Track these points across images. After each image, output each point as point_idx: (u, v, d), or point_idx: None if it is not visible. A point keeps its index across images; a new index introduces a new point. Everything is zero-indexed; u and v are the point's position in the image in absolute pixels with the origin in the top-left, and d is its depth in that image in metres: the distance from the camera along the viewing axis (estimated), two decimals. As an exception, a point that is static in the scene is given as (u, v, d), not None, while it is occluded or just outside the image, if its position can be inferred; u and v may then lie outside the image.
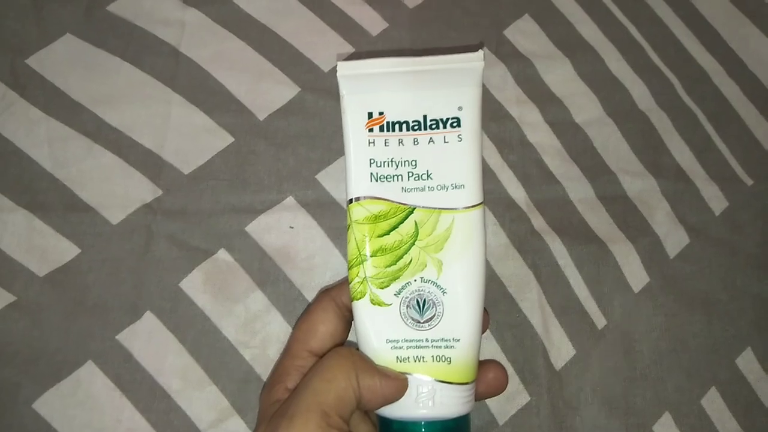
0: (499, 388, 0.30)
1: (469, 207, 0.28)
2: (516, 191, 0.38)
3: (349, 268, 0.28)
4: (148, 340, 0.34)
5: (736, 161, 0.41)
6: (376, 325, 0.28)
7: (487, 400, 0.35)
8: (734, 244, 0.39)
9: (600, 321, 0.37)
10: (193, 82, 0.39)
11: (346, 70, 0.29)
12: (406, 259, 0.28)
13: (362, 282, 0.28)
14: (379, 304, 0.28)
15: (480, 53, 0.28)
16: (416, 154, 0.29)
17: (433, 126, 0.29)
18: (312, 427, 0.24)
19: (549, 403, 0.35)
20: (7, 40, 0.38)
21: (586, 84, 0.41)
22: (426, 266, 0.28)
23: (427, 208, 0.28)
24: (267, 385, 0.30)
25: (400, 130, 0.29)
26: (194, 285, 0.35)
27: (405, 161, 0.29)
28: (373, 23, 0.41)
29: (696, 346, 0.37)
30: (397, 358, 0.27)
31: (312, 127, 0.39)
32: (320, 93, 0.39)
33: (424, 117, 0.29)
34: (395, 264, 0.28)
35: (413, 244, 0.28)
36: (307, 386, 0.26)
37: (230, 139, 0.38)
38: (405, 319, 0.28)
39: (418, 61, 0.29)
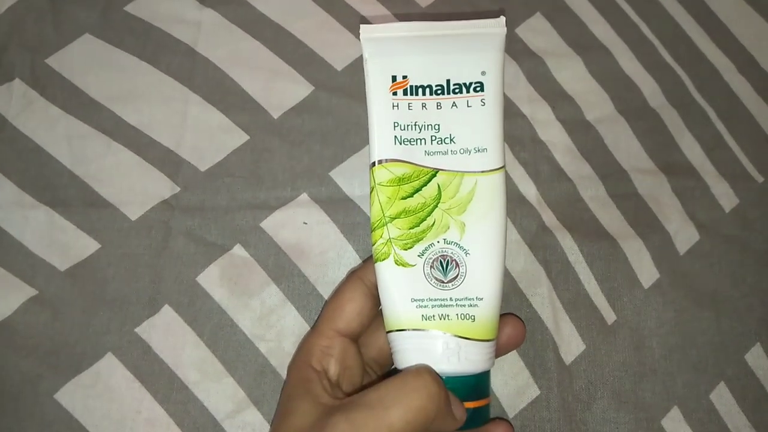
0: (518, 341, 0.31)
1: (491, 170, 0.29)
2: (527, 188, 0.39)
3: (372, 230, 0.29)
4: (166, 333, 0.34)
5: (746, 158, 0.41)
6: (401, 286, 0.29)
7: (498, 393, 0.35)
8: (744, 241, 0.39)
9: (610, 316, 0.37)
10: (209, 81, 0.39)
11: (369, 33, 0.29)
12: (429, 221, 0.29)
13: (386, 243, 0.29)
14: (403, 265, 0.29)
15: (502, 19, 0.29)
16: (439, 118, 0.29)
17: (456, 90, 0.29)
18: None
19: (559, 396, 0.35)
20: (26, 40, 0.39)
21: (597, 82, 0.41)
22: (449, 228, 0.29)
23: (449, 171, 0.29)
24: (293, 362, 0.31)
25: (424, 94, 0.29)
26: (211, 279, 0.35)
27: (428, 125, 0.29)
28: (387, 22, 0.42)
29: (705, 341, 0.37)
30: (423, 316, 0.28)
31: (325, 125, 0.39)
32: (334, 91, 0.40)
33: (447, 81, 0.29)
34: (418, 226, 0.29)
35: (436, 206, 0.29)
36: (383, 406, 0.25)
37: (245, 137, 0.38)
38: (429, 279, 0.28)
39: (440, 26, 0.29)
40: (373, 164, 0.29)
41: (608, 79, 0.42)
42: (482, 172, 0.29)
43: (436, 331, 0.28)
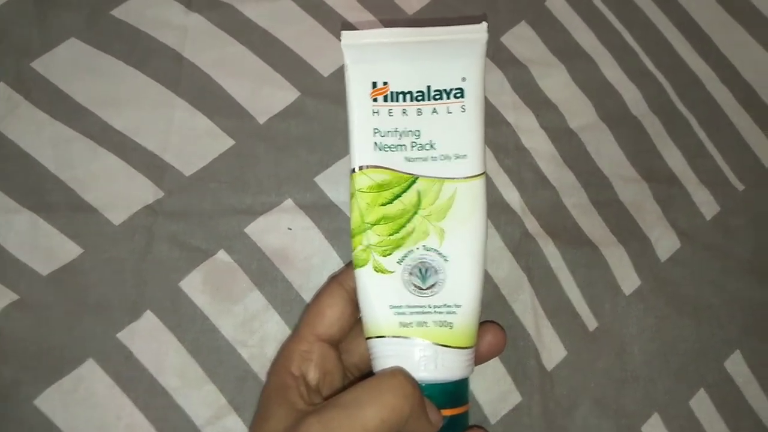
0: (498, 349, 0.32)
1: (471, 176, 0.29)
2: (511, 195, 0.39)
3: (352, 237, 0.29)
4: (148, 339, 0.34)
5: (728, 167, 0.41)
6: (379, 292, 0.29)
7: (480, 400, 0.35)
8: (725, 248, 0.40)
9: (591, 323, 0.37)
10: (195, 86, 0.39)
11: (350, 40, 0.29)
12: (408, 227, 0.29)
13: (365, 250, 0.29)
14: (382, 272, 0.29)
15: (484, 25, 0.29)
16: (420, 124, 0.29)
17: (437, 96, 0.29)
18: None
19: (540, 403, 0.36)
20: (12, 44, 0.39)
21: (580, 89, 0.42)
22: (428, 234, 0.29)
23: (430, 177, 0.29)
24: (273, 366, 0.31)
25: (404, 100, 0.29)
26: (194, 285, 0.35)
27: (408, 131, 0.29)
28: (373, 28, 0.42)
29: (686, 348, 0.37)
30: (401, 323, 0.28)
31: (311, 131, 0.39)
32: (320, 97, 0.40)
33: (428, 87, 0.29)
34: (398, 232, 0.29)
35: (416, 212, 0.29)
36: (357, 406, 0.25)
37: (231, 142, 0.38)
38: (408, 286, 0.29)
39: (422, 32, 0.29)
40: (353, 170, 0.29)
41: (591, 86, 0.42)
42: (462, 178, 0.29)
43: (413, 338, 0.28)
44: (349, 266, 0.30)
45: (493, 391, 0.36)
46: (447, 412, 0.28)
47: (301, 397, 0.27)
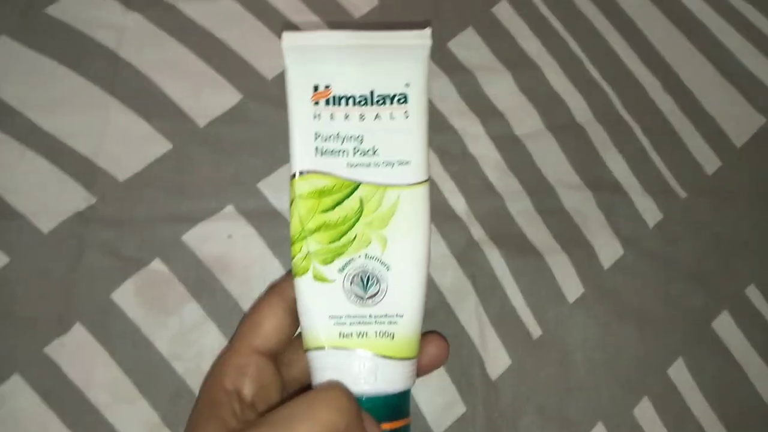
0: (440, 361, 0.31)
1: (414, 184, 0.28)
2: (456, 202, 0.39)
3: (292, 244, 0.28)
4: (77, 353, 0.33)
5: (671, 174, 0.42)
6: (319, 301, 0.28)
7: (423, 411, 0.35)
8: (667, 256, 0.40)
9: (536, 331, 0.37)
10: (132, 87, 0.38)
11: (291, 41, 0.28)
12: (350, 235, 0.28)
13: (305, 258, 0.28)
14: (322, 280, 0.28)
15: (428, 31, 0.29)
16: (362, 130, 0.28)
17: (380, 102, 0.29)
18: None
19: (484, 414, 0.35)
20: (-63, 42, 0.37)
21: (526, 97, 0.42)
22: (370, 242, 0.28)
23: (372, 183, 0.28)
24: (205, 381, 0.30)
25: (347, 104, 0.29)
26: (126, 296, 0.34)
27: (351, 136, 0.28)
28: (318, 30, 0.41)
29: (629, 356, 0.38)
30: (340, 334, 0.27)
31: (255, 135, 0.38)
32: (264, 101, 0.39)
33: (371, 92, 0.29)
34: (339, 240, 0.28)
35: (358, 220, 0.28)
36: (288, 424, 0.24)
37: (169, 146, 0.37)
38: (348, 295, 0.28)
39: (366, 35, 0.29)
40: (294, 176, 0.28)
41: (537, 94, 0.42)
42: (405, 185, 0.28)
43: (353, 350, 0.27)
44: (289, 275, 0.29)
45: (437, 401, 0.35)
46: (388, 426, 0.27)
47: (234, 414, 0.26)
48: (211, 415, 0.26)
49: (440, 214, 0.38)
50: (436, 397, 0.35)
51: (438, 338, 0.31)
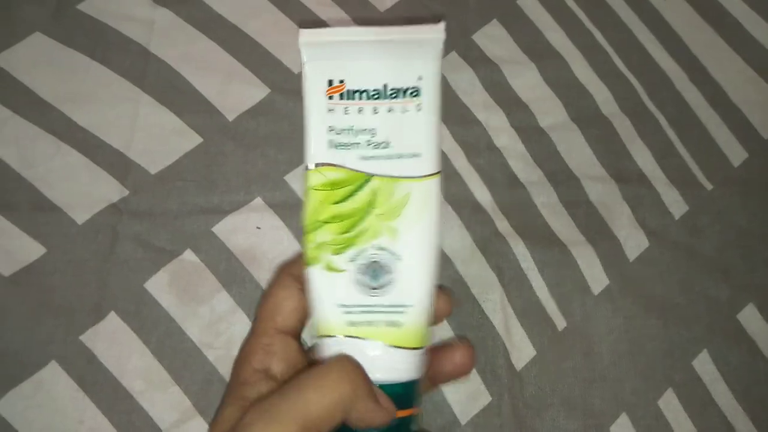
0: (466, 369, 0.31)
1: (425, 176, 0.29)
2: (482, 194, 0.39)
3: (304, 234, 0.29)
4: (112, 341, 0.34)
5: (696, 166, 0.42)
6: (330, 291, 0.28)
7: (449, 400, 0.35)
8: (693, 248, 0.40)
9: (560, 323, 0.37)
10: (162, 82, 0.39)
11: (307, 38, 0.29)
12: (361, 226, 0.28)
13: (317, 248, 0.28)
14: (333, 270, 0.28)
15: (441, 25, 0.29)
16: (375, 123, 0.29)
17: (393, 95, 0.29)
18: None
19: (510, 403, 0.36)
20: (-26, 39, 0.38)
21: (551, 89, 0.42)
22: (381, 233, 0.28)
23: (384, 176, 0.29)
24: (235, 364, 0.30)
25: (360, 98, 0.29)
26: (159, 286, 0.35)
27: (364, 129, 0.29)
28: (343, 25, 0.41)
29: (653, 348, 0.38)
30: (349, 322, 0.28)
31: (281, 129, 0.39)
32: (290, 94, 0.39)
33: (384, 86, 0.29)
34: (350, 231, 0.28)
35: (369, 211, 0.29)
36: (298, 391, 0.24)
37: (199, 140, 0.38)
38: (358, 285, 0.28)
39: (379, 31, 0.29)
40: (307, 168, 0.29)
41: (562, 86, 0.42)
42: (416, 177, 0.29)
43: (362, 339, 0.28)
44: (299, 257, 0.30)
45: (463, 391, 0.35)
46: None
47: (259, 393, 0.27)
48: (235, 395, 0.27)
49: (465, 206, 0.38)
50: (462, 387, 0.35)
51: (465, 347, 0.31)
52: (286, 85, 0.40)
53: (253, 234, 0.37)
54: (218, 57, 0.40)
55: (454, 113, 0.40)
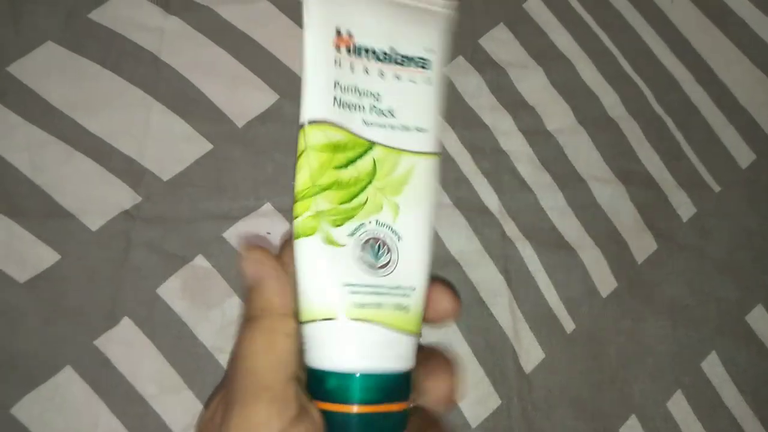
0: (454, 312, 0.27)
1: (429, 153, 0.26)
2: (489, 198, 0.39)
3: (297, 201, 0.24)
4: (125, 346, 0.34)
5: (704, 168, 0.42)
6: (331, 267, 0.24)
7: (460, 404, 0.35)
8: (701, 249, 0.40)
9: (569, 325, 0.38)
10: (172, 89, 0.39)
11: None
12: (361, 197, 0.25)
13: (314, 217, 0.24)
14: (333, 244, 0.25)
15: (453, 2, 0.28)
16: (381, 87, 0.26)
17: (400, 62, 0.26)
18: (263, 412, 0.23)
19: (519, 406, 0.36)
20: (-13, 48, 0.39)
21: (558, 92, 0.42)
22: (382, 208, 0.25)
23: (387, 146, 0.26)
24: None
25: (368, 58, 0.26)
26: (171, 291, 0.35)
27: (368, 92, 0.26)
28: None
29: (662, 350, 0.38)
30: (357, 304, 0.24)
31: (290, 134, 0.39)
32: (299, 100, 0.39)
33: (392, 49, 0.26)
34: (350, 202, 0.25)
35: (370, 182, 0.25)
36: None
37: (209, 146, 0.38)
38: (360, 263, 0.25)
39: None
40: (304, 124, 0.25)
41: (569, 89, 0.42)
42: (421, 153, 0.26)
43: (370, 322, 0.24)
44: (287, 245, 0.25)
45: (472, 394, 0.36)
46: (392, 407, 0.25)
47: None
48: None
49: (473, 209, 0.39)
50: (471, 390, 0.36)
51: (445, 287, 0.27)
52: (294, 92, 0.40)
53: (264, 239, 0.37)
54: (228, 64, 0.40)
55: (460, 117, 0.41)
